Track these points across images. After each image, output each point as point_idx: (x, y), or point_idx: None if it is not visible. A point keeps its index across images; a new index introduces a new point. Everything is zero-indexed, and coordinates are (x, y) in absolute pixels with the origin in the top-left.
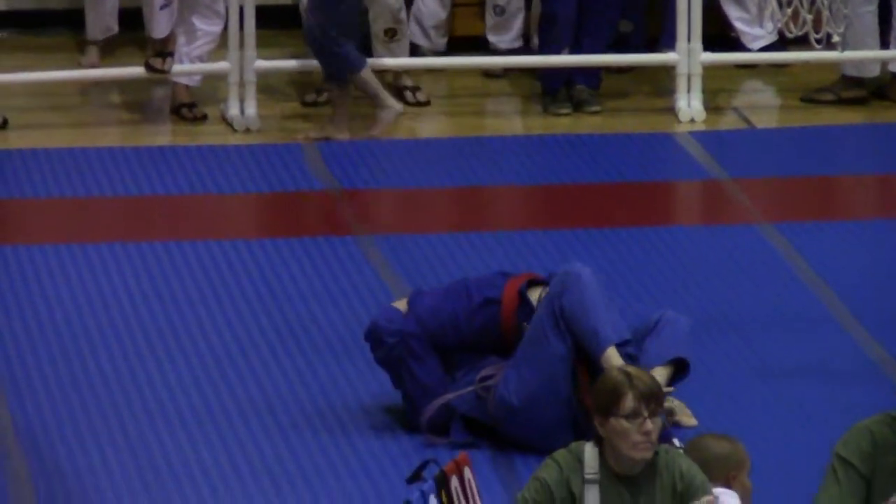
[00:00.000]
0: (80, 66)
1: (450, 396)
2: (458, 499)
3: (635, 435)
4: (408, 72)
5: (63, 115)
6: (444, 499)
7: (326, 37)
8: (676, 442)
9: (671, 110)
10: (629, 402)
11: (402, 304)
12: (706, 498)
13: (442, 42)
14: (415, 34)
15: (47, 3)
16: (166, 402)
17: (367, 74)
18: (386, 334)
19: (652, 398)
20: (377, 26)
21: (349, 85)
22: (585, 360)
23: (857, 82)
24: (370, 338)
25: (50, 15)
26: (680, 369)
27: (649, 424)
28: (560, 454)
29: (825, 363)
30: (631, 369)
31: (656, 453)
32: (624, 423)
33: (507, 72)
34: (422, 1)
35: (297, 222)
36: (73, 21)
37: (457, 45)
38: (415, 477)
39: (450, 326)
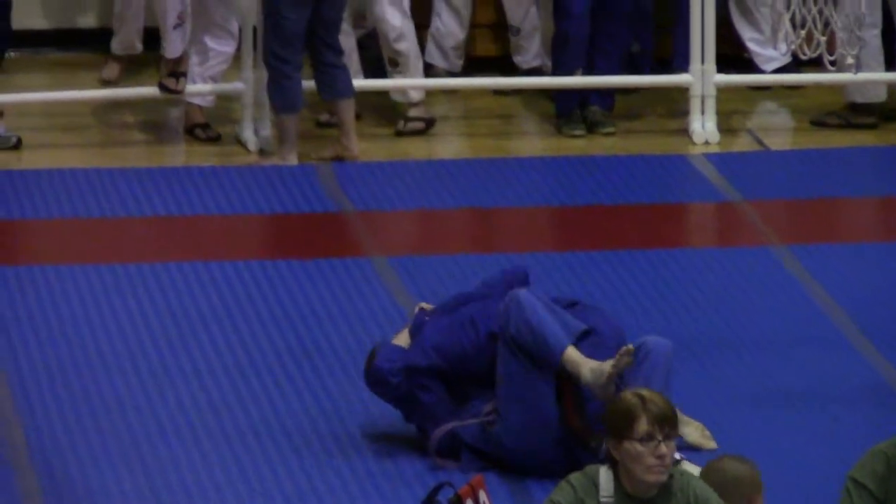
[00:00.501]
0: (100, 79)
1: (455, 424)
2: None
3: (649, 458)
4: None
5: (77, 135)
6: None
7: (270, 60)
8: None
9: (685, 132)
10: (643, 425)
11: (401, 338)
12: None
13: (459, 63)
14: (433, 55)
15: (77, 21)
16: (180, 422)
17: (292, 121)
18: (389, 375)
19: (666, 421)
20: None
21: (292, 114)
22: (567, 379)
23: (866, 108)
24: (374, 383)
25: (78, 33)
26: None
27: (663, 448)
28: (575, 477)
29: (838, 385)
30: (644, 392)
31: (671, 476)
32: (638, 447)
33: (521, 92)
34: (441, 22)
35: (311, 243)
36: (100, 39)
37: (475, 65)
38: (429, 500)
39: (458, 361)
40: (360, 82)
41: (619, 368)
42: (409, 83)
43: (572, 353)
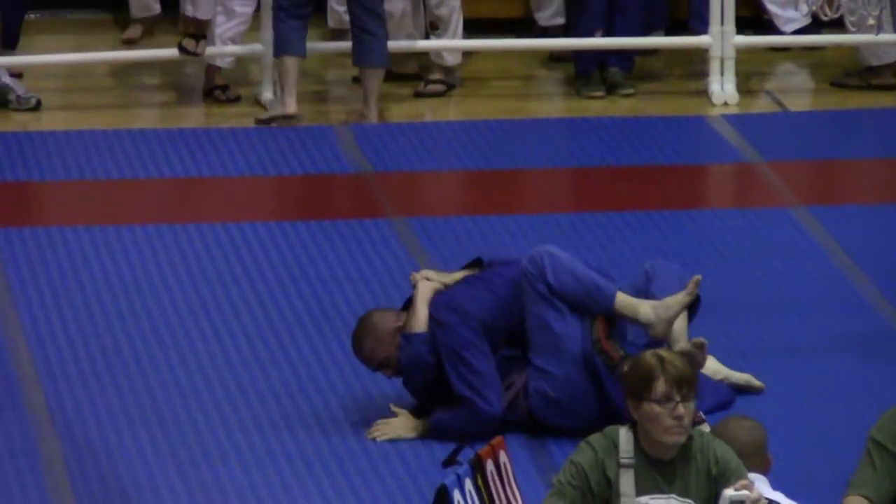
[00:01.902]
0: (122, 39)
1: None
2: (494, 482)
3: (667, 419)
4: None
5: (96, 96)
6: (480, 482)
7: (277, 6)
8: (701, 414)
9: (704, 93)
10: (661, 386)
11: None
12: (742, 482)
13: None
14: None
15: None
16: (199, 384)
17: (288, 63)
18: (421, 355)
19: (684, 382)
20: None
21: (295, 57)
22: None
23: (884, 69)
24: (406, 375)
25: None
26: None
27: (681, 409)
28: (595, 438)
29: (857, 345)
30: (664, 353)
31: (691, 437)
32: (656, 408)
33: (540, 54)
34: None
35: (330, 205)
36: (115, 1)
37: (499, 27)
38: (450, 461)
39: (496, 310)
40: (393, 44)
41: (692, 297)
42: (430, 44)
43: (624, 296)
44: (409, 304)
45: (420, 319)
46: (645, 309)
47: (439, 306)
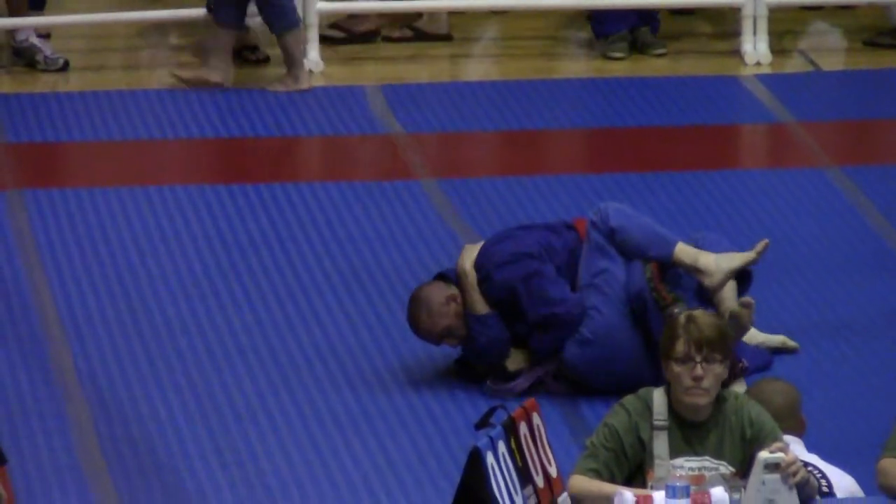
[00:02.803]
0: (148, 1)
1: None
2: (527, 445)
3: (686, 379)
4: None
5: (124, 57)
6: (513, 445)
7: None
8: (746, 362)
9: (736, 53)
10: (681, 346)
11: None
12: (777, 444)
13: None
14: None
15: None
16: (230, 347)
17: (291, 40)
18: (500, 333)
19: (705, 343)
20: None
21: (240, 31)
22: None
23: None
24: (482, 356)
25: None
26: (743, 278)
27: (699, 370)
28: (628, 400)
29: (892, 306)
30: (697, 313)
31: (724, 399)
32: (676, 367)
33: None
34: None
35: (361, 166)
36: None
37: None
38: (483, 423)
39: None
40: (384, 3)
41: (758, 256)
42: (454, 4)
43: (685, 245)
44: (442, 276)
45: (477, 297)
46: (706, 257)
47: (483, 266)
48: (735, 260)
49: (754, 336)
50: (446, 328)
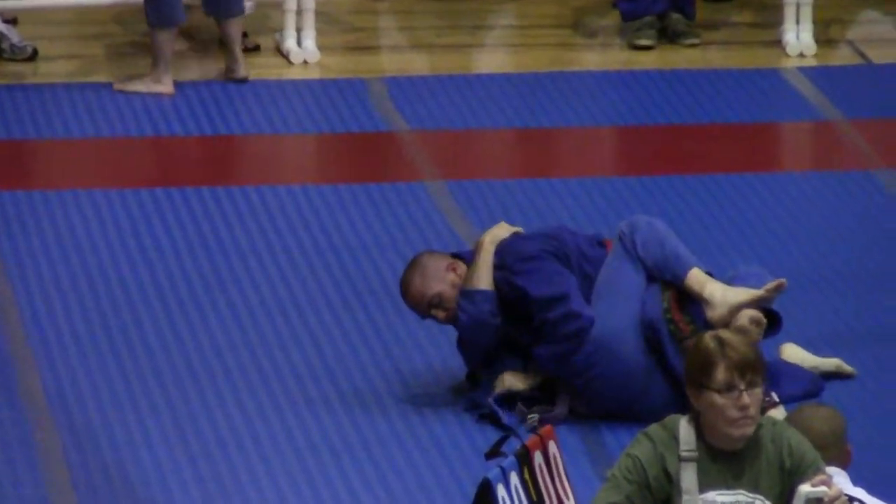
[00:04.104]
0: None
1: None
2: (543, 476)
3: (731, 411)
4: None
5: (99, 44)
6: (527, 476)
7: None
8: (774, 396)
9: (778, 43)
10: (721, 374)
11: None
12: (819, 477)
13: None
14: None
15: None
16: (214, 365)
17: (162, 37)
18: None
19: (748, 367)
20: None
21: (170, 30)
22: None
23: None
24: (465, 336)
25: None
26: (771, 324)
27: (746, 398)
28: (653, 430)
29: None
30: (725, 335)
31: (760, 426)
32: (717, 399)
33: None
34: None
35: (360, 166)
36: None
37: None
38: (493, 452)
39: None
40: None
41: (768, 295)
42: None
43: (700, 272)
44: (455, 254)
45: (483, 274)
46: (713, 287)
47: (504, 253)
48: (742, 295)
49: (804, 359)
50: (437, 295)
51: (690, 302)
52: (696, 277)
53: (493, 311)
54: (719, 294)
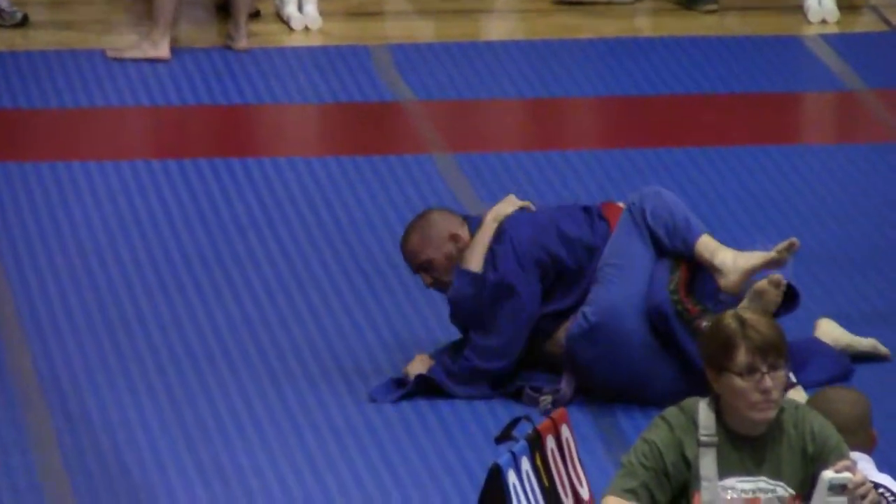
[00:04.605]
0: None
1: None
2: (555, 461)
3: (753, 394)
4: None
5: (92, 10)
6: (539, 461)
7: None
8: (792, 377)
9: (799, 9)
10: (742, 356)
11: (475, 260)
12: (843, 463)
13: None
14: None
15: None
16: (212, 346)
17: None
18: (465, 298)
19: (771, 349)
20: None
21: None
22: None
23: None
24: (452, 308)
25: None
26: (789, 300)
27: (768, 381)
28: (671, 413)
29: None
30: (747, 314)
31: (782, 409)
32: (738, 382)
33: None
34: None
35: (365, 138)
36: None
37: None
38: (504, 436)
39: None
40: None
41: (779, 256)
42: None
43: (710, 239)
44: (466, 217)
45: (476, 255)
46: (724, 253)
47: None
48: (754, 259)
49: (839, 338)
50: (428, 261)
51: (699, 282)
52: (707, 244)
53: (474, 295)
54: (730, 260)
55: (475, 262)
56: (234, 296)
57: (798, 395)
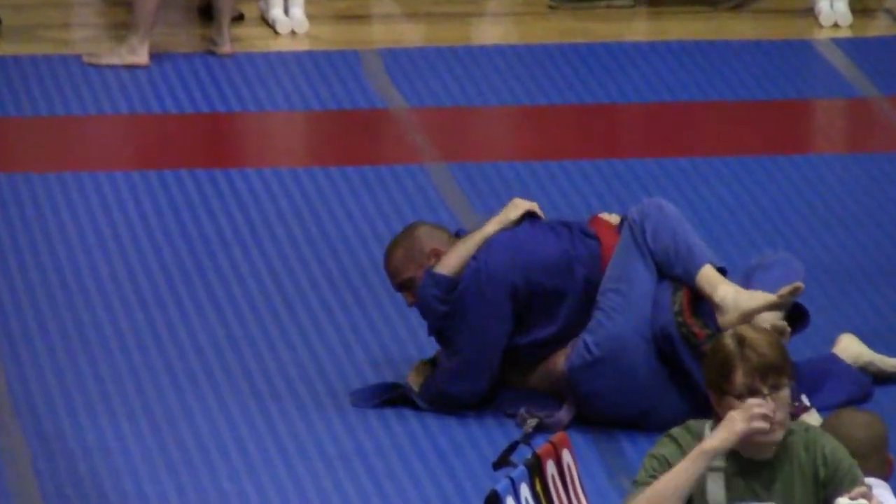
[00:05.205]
0: None
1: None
2: (556, 487)
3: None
4: None
5: (68, 14)
6: (539, 487)
7: None
8: (805, 400)
9: (810, 12)
10: (740, 378)
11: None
12: (858, 490)
13: None
14: None
15: None
16: (195, 366)
17: (147, 2)
18: (429, 301)
19: (771, 370)
20: None
21: None
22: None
23: None
24: (420, 312)
25: None
26: (797, 320)
27: (770, 403)
28: (678, 432)
29: None
30: (747, 333)
31: (792, 431)
32: (738, 405)
33: None
34: None
35: (355, 146)
36: None
37: None
38: (502, 461)
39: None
40: None
41: (781, 301)
42: None
43: (713, 270)
44: (457, 233)
45: (451, 261)
46: (725, 289)
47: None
48: (754, 301)
49: (860, 354)
50: (410, 280)
51: (704, 302)
52: (708, 277)
53: (440, 298)
54: (731, 298)
55: (448, 266)
56: (218, 312)
57: (812, 419)
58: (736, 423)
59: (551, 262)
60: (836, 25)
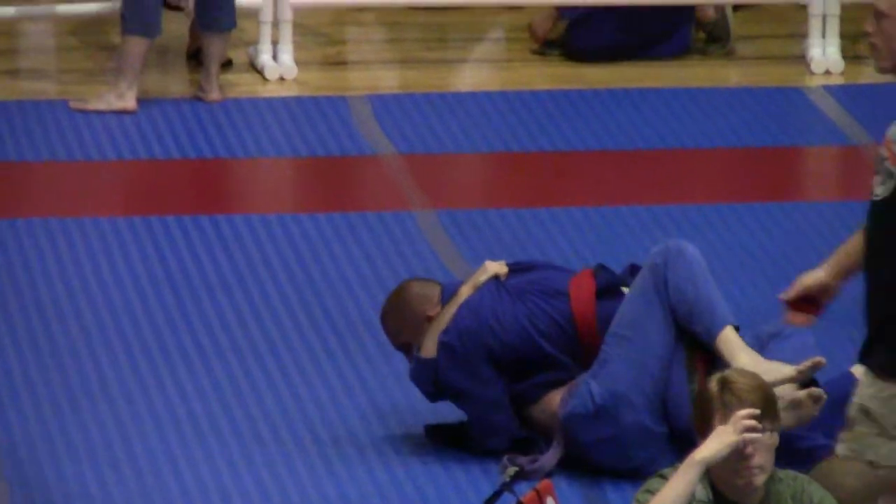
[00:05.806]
0: None
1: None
2: None
3: (732, 461)
4: None
5: (52, 59)
6: None
7: None
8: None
9: (802, 59)
10: (719, 423)
11: (429, 346)
12: None
13: None
14: None
15: None
16: (180, 414)
17: (136, 48)
18: (420, 383)
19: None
20: None
21: (147, 40)
22: (702, 348)
23: None
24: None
25: None
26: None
27: (749, 447)
28: (668, 473)
29: None
30: (732, 376)
31: (779, 479)
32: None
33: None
34: None
35: (343, 193)
36: None
37: None
38: None
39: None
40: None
41: (801, 376)
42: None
43: (734, 333)
44: (446, 288)
45: (430, 341)
46: (745, 359)
47: (450, 331)
48: (772, 374)
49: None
50: (406, 344)
51: (719, 361)
52: (728, 341)
53: (430, 381)
54: (751, 368)
55: (428, 348)
56: (203, 360)
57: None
58: (727, 433)
59: (507, 324)
60: (827, 72)
